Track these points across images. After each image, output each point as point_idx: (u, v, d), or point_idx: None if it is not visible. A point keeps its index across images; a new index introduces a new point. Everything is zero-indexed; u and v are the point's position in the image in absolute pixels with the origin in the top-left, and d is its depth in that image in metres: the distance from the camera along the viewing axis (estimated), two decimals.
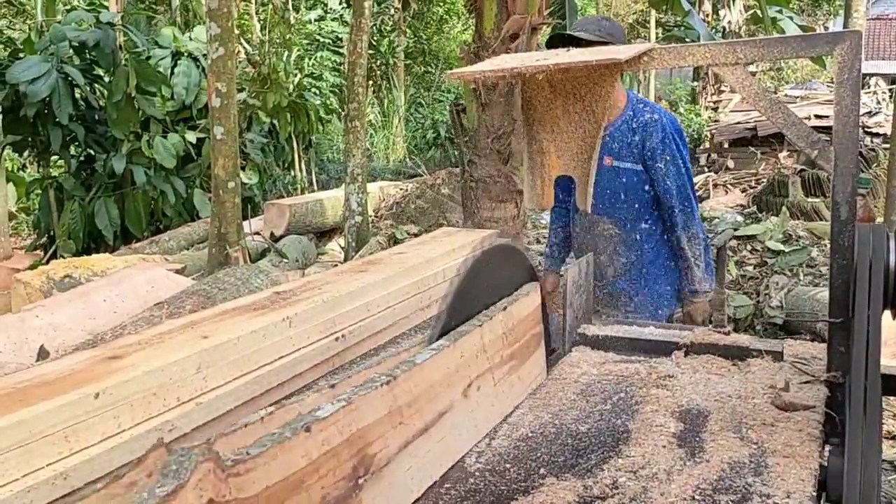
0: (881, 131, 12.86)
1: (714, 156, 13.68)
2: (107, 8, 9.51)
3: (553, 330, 1.99)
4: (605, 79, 1.87)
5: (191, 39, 10.00)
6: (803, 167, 10.09)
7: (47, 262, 6.79)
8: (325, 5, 16.29)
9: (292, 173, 11.77)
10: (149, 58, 9.24)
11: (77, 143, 9.04)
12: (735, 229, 6.94)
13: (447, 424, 1.36)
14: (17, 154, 10.35)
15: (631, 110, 2.83)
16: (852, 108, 1.61)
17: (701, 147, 14.54)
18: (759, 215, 8.27)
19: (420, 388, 1.29)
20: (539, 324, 1.72)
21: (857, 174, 1.64)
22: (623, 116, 2.82)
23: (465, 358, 1.44)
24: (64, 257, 7.30)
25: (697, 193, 4.75)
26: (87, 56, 8.77)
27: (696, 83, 17.86)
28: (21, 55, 8.58)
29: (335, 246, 8.70)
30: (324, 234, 9.24)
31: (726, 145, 13.75)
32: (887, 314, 1.48)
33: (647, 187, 2.82)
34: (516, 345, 1.65)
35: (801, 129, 1.69)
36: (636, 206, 2.83)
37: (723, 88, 17.46)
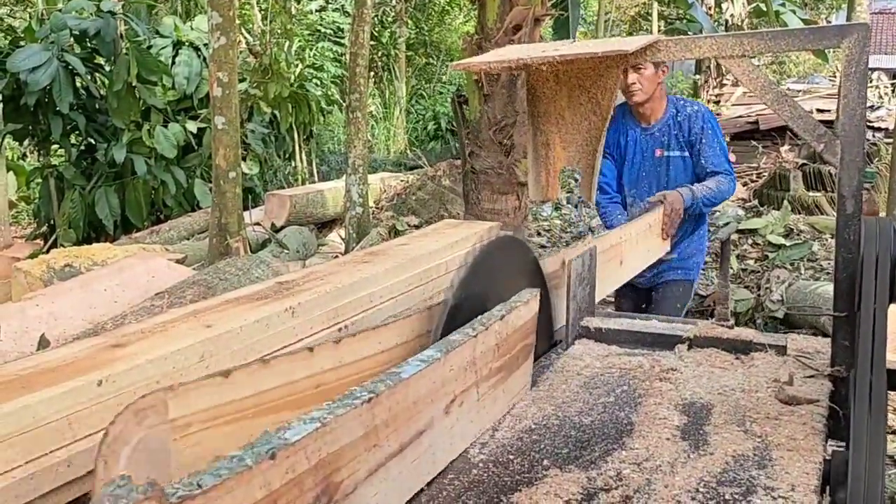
0: (883, 126, 12.84)
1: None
2: None
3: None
4: (611, 70, 1.86)
5: (192, 29, 9.96)
6: (805, 161, 10.08)
7: (48, 252, 6.79)
8: None
9: (293, 164, 11.76)
10: (150, 47, 9.21)
11: (78, 133, 9.02)
12: (737, 223, 6.94)
13: (423, 444, 1.23)
14: (17, 143, 10.33)
15: (674, 108, 3.48)
16: (859, 101, 1.60)
17: None
18: (761, 209, 8.26)
19: (401, 406, 1.16)
20: (532, 334, 1.64)
21: (864, 168, 1.63)
22: (668, 113, 3.47)
23: (453, 371, 1.32)
24: (64, 246, 7.30)
25: None
26: (88, 45, 8.74)
27: (698, 76, 17.81)
28: (22, 44, 8.55)
29: (336, 237, 8.69)
30: (324, 226, 9.23)
31: (728, 139, 13.71)
32: (892, 308, 1.48)
33: (689, 171, 3.45)
34: (506, 356, 1.54)
35: (808, 122, 1.68)
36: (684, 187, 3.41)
37: (725, 82, 17.42)
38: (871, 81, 15.89)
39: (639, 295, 3.68)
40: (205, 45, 8.74)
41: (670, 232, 3.27)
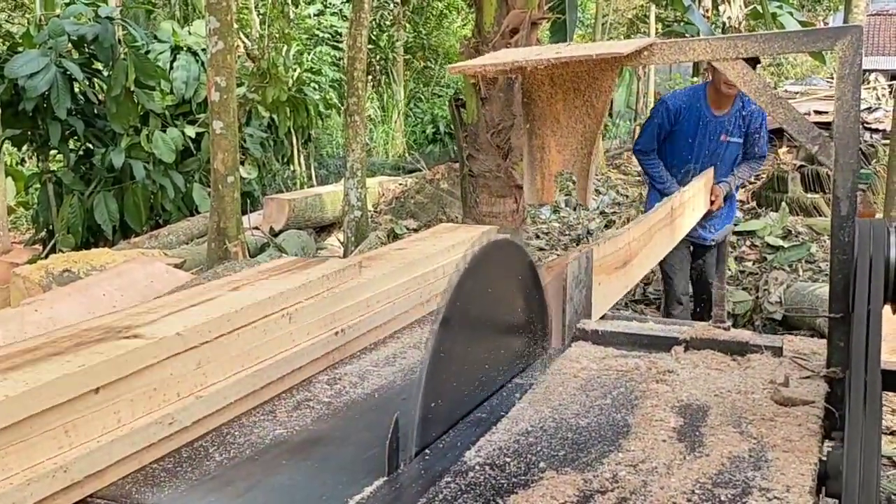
0: (881, 127, 12.85)
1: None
2: (105, 2, 9.48)
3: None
4: (606, 73, 1.87)
5: (190, 34, 9.97)
6: (802, 163, 10.09)
7: (46, 257, 6.79)
8: (325, 0, 16.26)
9: (291, 168, 11.76)
10: (148, 52, 9.21)
11: (76, 138, 9.02)
12: (735, 225, 6.94)
13: None
14: (15, 148, 10.32)
15: (741, 101, 4.33)
16: (853, 103, 1.60)
17: None
18: (759, 211, 8.27)
19: None
20: None
21: (858, 170, 1.64)
22: (735, 106, 4.35)
23: None
24: (63, 252, 7.29)
25: None
26: (86, 50, 8.75)
27: (695, 79, 17.82)
28: (20, 49, 8.55)
29: (334, 241, 8.69)
30: (323, 229, 9.24)
31: None
32: (887, 309, 1.48)
33: (738, 153, 4.48)
34: None
35: (802, 124, 1.69)
36: (732, 167, 4.50)
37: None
38: (868, 83, 15.92)
39: (694, 253, 4.72)
40: (203, 49, 8.74)
41: (717, 205, 4.36)
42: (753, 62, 3.72)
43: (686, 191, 3.74)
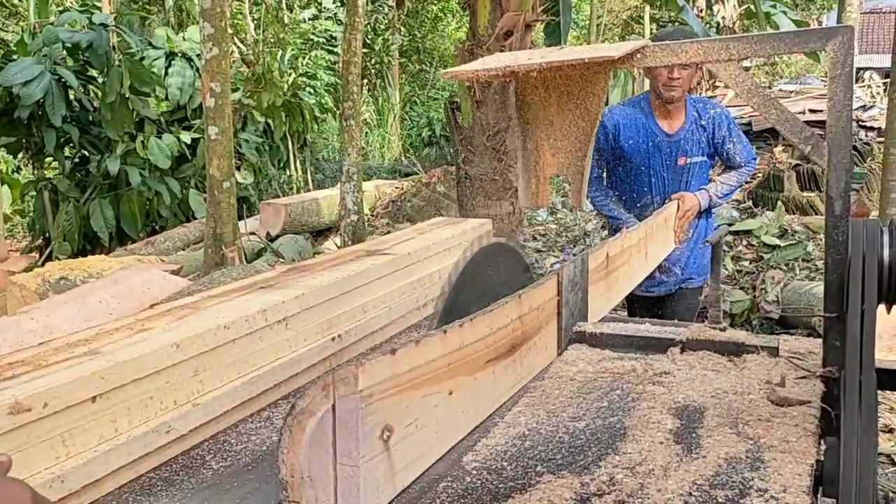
0: (875, 125, 12.88)
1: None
2: (100, 9, 9.49)
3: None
4: (599, 76, 1.87)
5: (184, 39, 9.98)
6: (798, 162, 10.11)
7: (43, 264, 6.78)
8: (319, 4, 16.27)
9: (288, 173, 11.77)
10: (142, 58, 9.22)
11: (71, 145, 9.02)
12: (731, 224, 6.96)
13: None
14: (11, 156, 10.33)
15: (694, 110, 3.40)
16: (845, 103, 1.61)
17: None
18: (755, 210, 8.28)
19: None
20: None
21: (851, 169, 1.64)
22: (689, 117, 3.37)
23: None
24: (59, 259, 7.29)
25: None
26: (81, 57, 8.76)
27: None
28: (14, 57, 8.56)
29: (331, 245, 8.69)
30: (320, 234, 9.24)
31: None
32: (881, 308, 1.49)
33: (707, 174, 3.50)
34: None
35: (795, 124, 1.69)
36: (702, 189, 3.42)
37: (717, 84, 17.47)
38: (863, 81, 15.96)
39: (654, 302, 3.65)
40: (197, 55, 8.75)
41: (682, 237, 3.26)
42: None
43: (633, 231, 2.66)
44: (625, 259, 2.49)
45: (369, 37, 16.10)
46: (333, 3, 16.21)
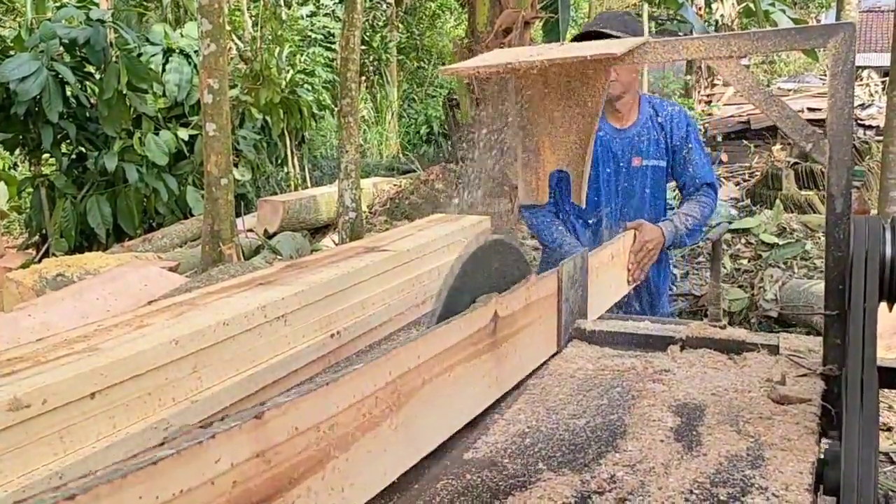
0: (874, 123, 12.89)
1: (707, 149, 13.68)
2: (97, 5, 9.46)
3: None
4: (599, 73, 1.87)
5: (182, 36, 9.96)
6: (797, 160, 10.11)
7: (40, 261, 6.77)
8: (318, 1, 16.25)
9: (285, 170, 11.75)
10: (140, 55, 9.20)
11: (68, 141, 9.01)
12: (729, 223, 6.95)
13: None
14: (8, 152, 10.31)
15: (651, 108, 2.92)
16: (846, 100, 1.61)
17: None
18: (753, 208, 8.29)
19: None
20: None
21: (852, 167, 1.64)
22: (644, 114, 2.89)
23: None
24: (56, 256, 7.28)
25: None
26: (78, 53, 8.73)
27: (689, 77, 17.88)
28: (11, 53, 8.53)
29: (329, 242, 8.69)
30: (317, 231, 9.23)
31: (720, 139, 13.77)
32: (881, 307, 1.48)
33: (664, 184, 2.92)
34: None
35: (796, 122, 1.69)
36: (660, 202, 2.91)
37: (716, 82, 17.48)
38: (861, 79, 15.97)
39: None
40: (195, 51, 8.74)
41: (637, 276, 2.59)
42: None
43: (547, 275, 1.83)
44: (532, 318, 1.73)
45: (367, 34, 16.09)
46: None
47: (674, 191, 3.08)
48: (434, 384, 1.31)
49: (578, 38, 2.81)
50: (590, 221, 2.92)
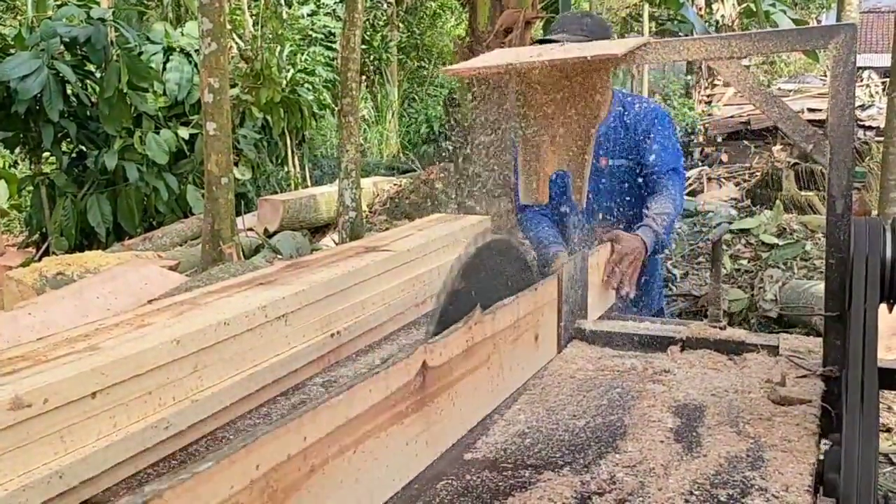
0: (874, 124, 12.90)
1: (707, 150, 13.71)
2: (98, 4, 9.46)
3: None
4: (600, 73, 1.87)
5: (182, 35, 9.96)
6: (797, 160, 10.12)
7: (40, 260, 6.76)
8: (318, 0, 16.23)
9: (285, 169, 11.74)
10: (140, 53, 9.20)
11: (69, 140, 9.01)
12: (729, 223, 6.95)
13: None
14: (8, 151, 10.30)
15: (620, 105, 2.79)
16: (847, 101, 1.61)
17: (694, 141, 14.56)
18: (753, 209, 8.28)
19: None
20: None
21: (853, 167, 1.64)
22: (613, 114, 2.77)
23: None
24: (56, 254, 7.26)
25: (691, 187, 4.86)
26: (79, 52, 8.73)
27: (689, 77, 17.87)
28: (12, 51, 8.53)
29: (329, 242, 8.68)
30: (318, 230, 9.23)
31: (720, 139, 13.78)
32: (881, 308, 1.48)
33: (632, 186, 2.77)
34: None
35: (797, 122, 1.69)
36: (632, 202, 2.76)
37: (716, 82, 17.48)
38: (861, 80, 15.97)
39: None
40: (196, 50, 8.73)
41: (626, 290, 2.44)
42: None
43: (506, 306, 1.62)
44: (477, 362, 1.49)
45: (368, 33, 16.07)
46: None
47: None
48: (330, 467, 1.04)
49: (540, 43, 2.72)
50: (563, 229, 2.81)
